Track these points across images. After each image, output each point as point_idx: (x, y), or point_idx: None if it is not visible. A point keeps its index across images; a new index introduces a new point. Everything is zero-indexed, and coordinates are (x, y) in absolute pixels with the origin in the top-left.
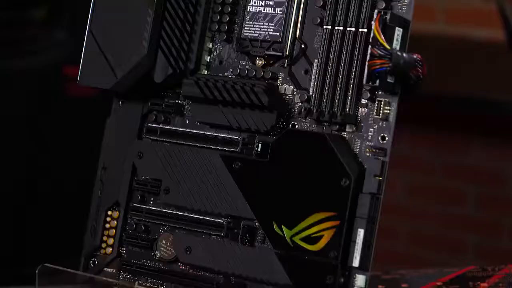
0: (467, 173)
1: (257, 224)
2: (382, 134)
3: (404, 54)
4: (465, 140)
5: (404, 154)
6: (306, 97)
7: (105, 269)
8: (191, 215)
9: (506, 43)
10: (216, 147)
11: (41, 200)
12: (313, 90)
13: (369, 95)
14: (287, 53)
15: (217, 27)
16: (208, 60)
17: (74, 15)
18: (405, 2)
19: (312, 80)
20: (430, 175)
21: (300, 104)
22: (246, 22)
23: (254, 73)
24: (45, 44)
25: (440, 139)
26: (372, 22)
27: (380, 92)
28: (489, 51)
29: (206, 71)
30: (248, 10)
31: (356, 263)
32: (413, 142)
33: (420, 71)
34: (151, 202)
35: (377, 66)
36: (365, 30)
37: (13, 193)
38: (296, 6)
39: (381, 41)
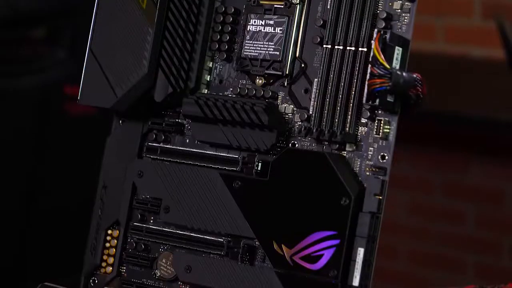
0: (467, 192)
1: (257, 243)
2: (382, 153)
3: (404, 73)
4: (465, 159)
5: (404, 172)
6: (306, 116)
7: None
8: (191, 234)
9: (506, 62)
10: (216, 166)
11: (41, 218)
12: (313, 109)
13: (369, 114)
14: (287, 72)
15: (217, 46)
16: (208, 79)
17: (74, 34)
18: (404, 21)
19: (312, 99)
20: (430, 194)
21: (300, 123)
22: (246, 41)
23: (254, 92)
24: (45, 63)
25: (440, 158)
26: (372, 41)
27: (380, 111)
28: (489, 70)
29: (206, 90)
30: (248, 29)
31: (356, 282)
32: (412, 161)
33: (420, 90)
34: (151, 221)
35: (377, 85)
36: (365, 49)
37: (14, 211)
38: (296, 26)
39: (381, 60)
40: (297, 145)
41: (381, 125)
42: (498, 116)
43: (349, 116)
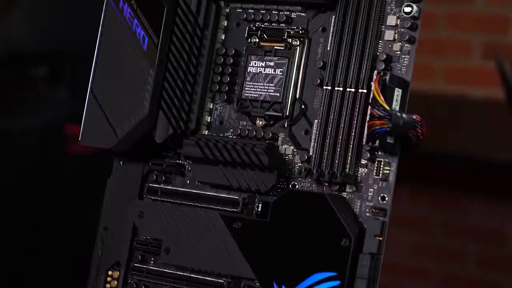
0: (467, 231)
1: (257, 284)
2: (382, 194)
3: (404, 115)
4: (465, 198)
5: (404, 212)
6: (306, 157)
7: None
8: (191, 275)
9: (506, 102)
10: (217, 207)
11: (41, 258)
12: (313, 150)
13: (369, 155)
14: (287, 114)
15: (217, 87)
16: (208, 120)
17: (75, 74)
18: (404, 63)
19: (312, 141)
20: (430, 233)
21: (300, 164)
22: (246, 82)
23: (254, 133)
24: (46, 102)
25: (440, 197)
26: (372, 83)
27: (379, 153)
28: (489, 110)
29: (206, 131)
30: (248, 70)
31: None
32: (412, 200)
33: (420, 131)
34: (152, 262)
35: (377, 127)
36: (365, 90)
37: (15, 252)
38: (296, 67)
39: (380, 101)
40: (297, 186)
41: (381, 166)
42: (498, 156)
43: (349, 157)
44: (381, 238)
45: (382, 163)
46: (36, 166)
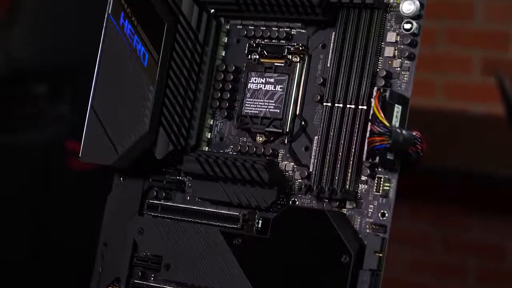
0: (467, 247)
1: None
2: (382, 211)
3: (404, 131)
4: (465, 214)
5: (404, 228)
6: (306, 173)
7: None
8: None
9: (506, 118)
10: (217, 223)
11: (41, 273)
12: (313, 167)
13: (369, 171)
14: (287, 130)
15: (218, 104)
16: (209, 136)
17: (75, 90)
18: (404, 79)
19: (312, 157)
20: (430, 249)
21: (300, 180)
22: (246, 99)
23: (254, 149)
24: (47, 119)
25: (440, 213)
26: (372, 99)
27: (379, 169)
28: (489, 126)
29: (207, 148)
30: (248, 87)
31: None
32: (413, 217)
33: (420, 148)
34: (152, 278)
35: (377, 143)
36: (365, 107)
37: (15, 268)
38: (296, 84)
39: (380, 118)
40: (297, 202)
41: (381, 182)
42: (498, 171)
43: (349, 174)
44: (381, 255)
45: (382, 179)
46: (37, 182)
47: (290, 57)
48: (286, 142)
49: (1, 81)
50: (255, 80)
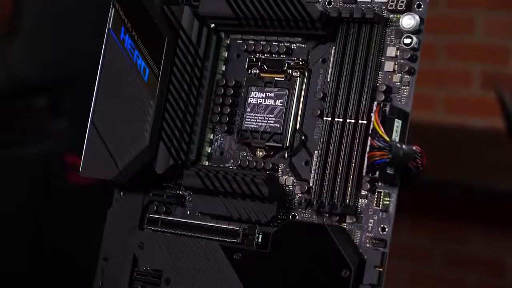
0: (467, 261)
1: None
2: (382, 225)
3: (404, 146)
4: (466, 228)
5: (405, 242)
6: (306, 188)
7: None
8: None
9: (506, 132)
10: (217, 238)
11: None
12: (313, 181)
13: (369, 186)
14: (287, 145)
15: (218, 118)
16: (209, 151)
17: (75, 104)
18: (404, 94)
19: (312, 171)
20: (431, 263)
21: (300, 195)
22: (247, 113)
23: (254, 164)
24: (46, 132)
25: (440, 228)
26: (372, 114)
27: (379, 183)
28: (489, 140)
29: (207, 162)
30: (249, 101)
31: None
32: (413, 231)
33: (420, 162)
34: None
35: (377, 158)
36: (365, 121)
37: (15, 282)
38: (296, 98)
39: (380, 132)
40: (297, 217)
41: (381, 197)
42: (498, 185)
43: (349, 188)
44: (381, 269)
45: (382, 194)
46: (37, 196)
47: (290, 72)
48: (286, 157)
49: (1, 95)
50: (255, 94)
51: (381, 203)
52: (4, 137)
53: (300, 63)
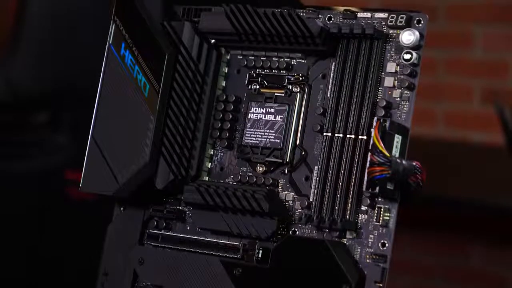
0: (467, 276)
1: None
2: (382, 241)
3: (404, 161)
4: (466, 243)
5: (404, 256)
6: (306, 203)
7: None
8: None
9: (506, 146)
10: (217, 253)
11: None
12: (313, 197)
13: (369, 201)
14: (287, 160)
15: (218, 134)
16: (209, 166)
17: (75, 119)
18: (404, 109)
19: (313, 187)
20: (431, 279)
21: (300, 210)
22: (247, 129)
23: (255, 179)
24: (46, 147)
25: (440, 242)
26: (372, 130)
27: (380, 199)
28: (489, 155)
29: (207, 178)
30: (249, 117)
31: None
32: (413, 246)
33: (420, 178)
34: None
35: (377, 173)
36: (365, 137)
37: None
38: (296, 114)
39: (380, 148)
40: (297, 232)
41: (381, 212)
42: (498, 200)
43: (349, 204)
44: (381, 285)
45: (382, 209)
46: (35, 211)
47: (290, 87)
48: (286, 172)
49: (1, 109)
50: (256, 110)
51: (381, 218)
52: (4, 151)
53: (300, 78)
